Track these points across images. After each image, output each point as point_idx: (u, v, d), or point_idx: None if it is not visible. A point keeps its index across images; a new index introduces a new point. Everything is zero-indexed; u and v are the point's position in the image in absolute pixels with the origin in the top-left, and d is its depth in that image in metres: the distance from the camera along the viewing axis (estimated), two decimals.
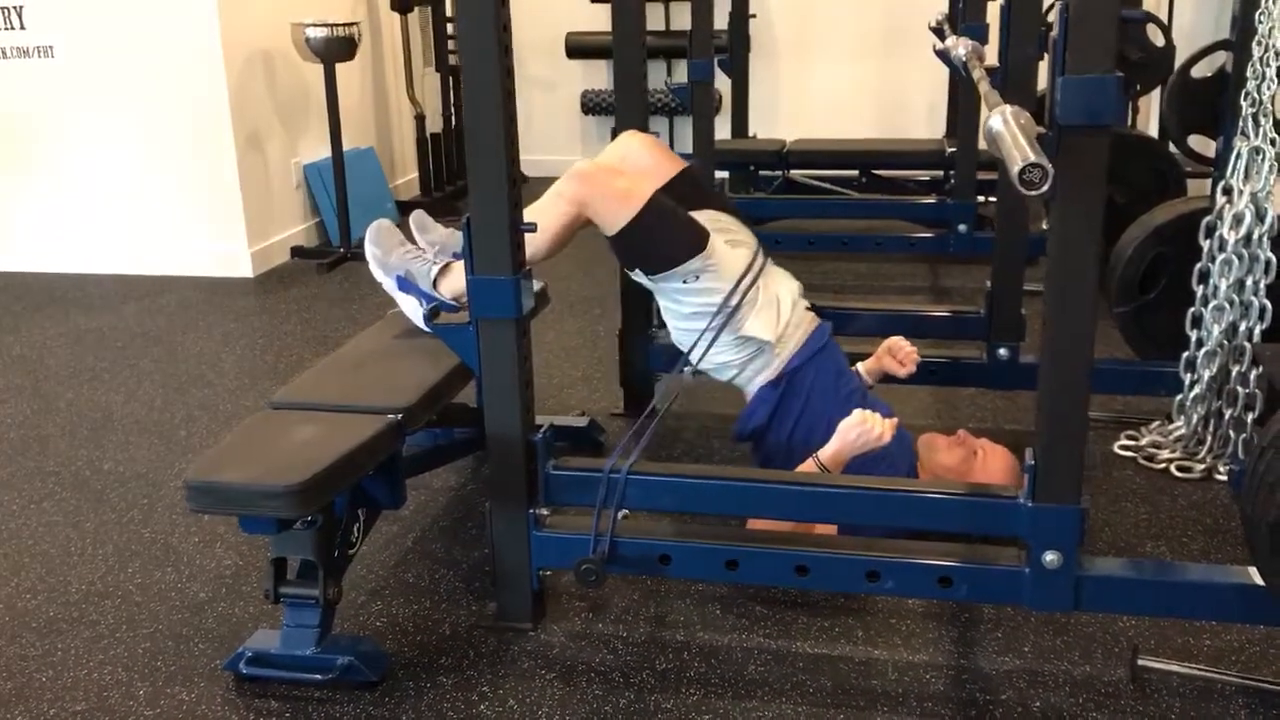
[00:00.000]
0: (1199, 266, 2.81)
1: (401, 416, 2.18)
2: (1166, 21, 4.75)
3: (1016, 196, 1.71)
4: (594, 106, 6.60)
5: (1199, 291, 2.81)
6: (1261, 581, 1.88)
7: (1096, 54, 1.69)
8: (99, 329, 4.24)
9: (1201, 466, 2.82)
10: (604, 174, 2.49)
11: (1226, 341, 2.74)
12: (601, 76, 6.58)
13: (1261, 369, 2.62)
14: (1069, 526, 1.92)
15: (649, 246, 2.45)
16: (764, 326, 2.49)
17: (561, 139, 6.65)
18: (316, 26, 4.78)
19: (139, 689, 2.12)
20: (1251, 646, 2.16)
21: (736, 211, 2.72)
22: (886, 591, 2.17)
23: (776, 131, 5.75)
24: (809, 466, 2.32)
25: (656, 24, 6.25)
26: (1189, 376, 2.84)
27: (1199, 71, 3.49)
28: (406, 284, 2.54)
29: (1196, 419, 2.85)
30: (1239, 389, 2.71)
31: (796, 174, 5.23)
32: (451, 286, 2.49)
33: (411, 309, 2.56)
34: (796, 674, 2.12)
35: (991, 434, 2.59)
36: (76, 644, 2.27)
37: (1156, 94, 4.69)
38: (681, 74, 5.10)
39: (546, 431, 2.20)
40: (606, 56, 4.67)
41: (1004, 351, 3.01)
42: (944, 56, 2.84)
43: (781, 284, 2.59)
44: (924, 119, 6.07)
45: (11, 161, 4.97)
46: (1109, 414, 3.11)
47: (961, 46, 2.51)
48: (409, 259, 2.56)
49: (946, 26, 4.01)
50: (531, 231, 2.15)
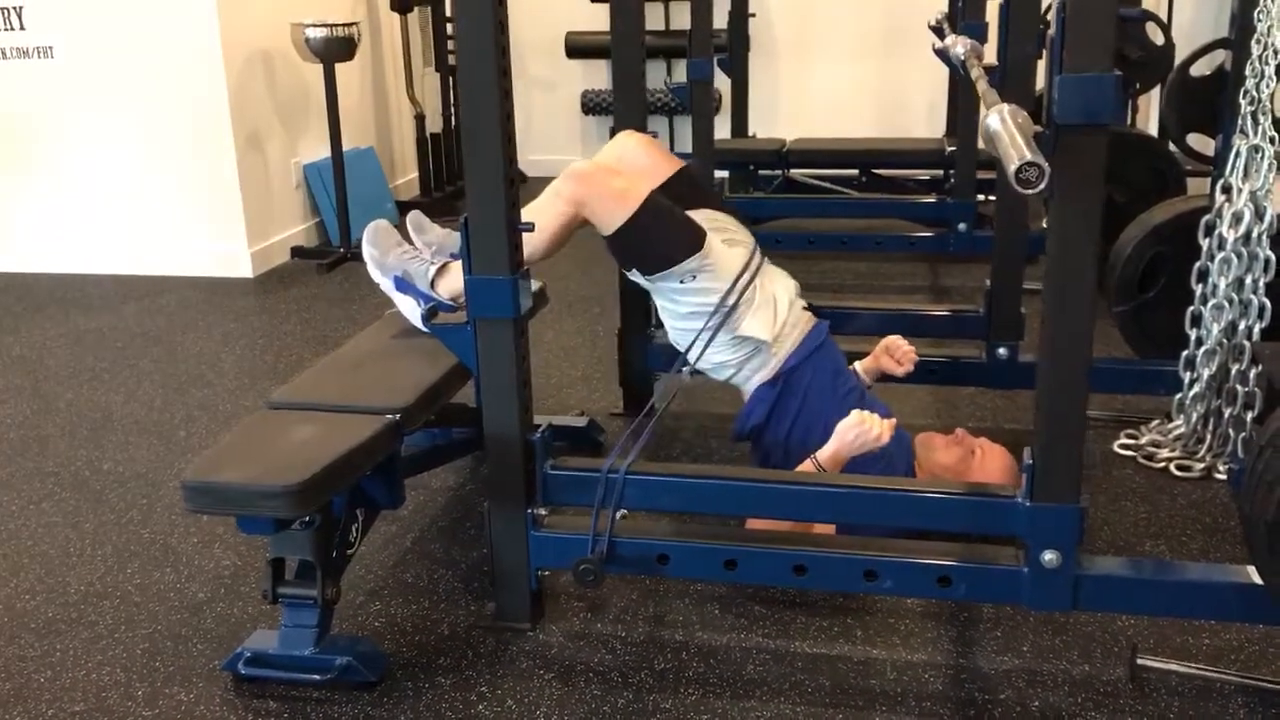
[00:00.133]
0: (1198, 265, 2.81)
1: (400, 416, 2.18)
2: (1166, 20, 4.75)
3: (1016, 195, 1.70)
4: (594, 106, 6.59)
5: (1198, 290, 2.81)
6: (1260, 580, 1.88)
7: (1094, 52, 1.69)
8: (99, 329, 4.24)
9: (1201, 465, 2.82)
10: (601, 173, 2.48)
11: (1226, 340, 2.74)
12: (602, 76, 6.58)
13: (1261, 367, 2.62)
14: (1067, 526, 1.91)
15: (646, 246, 2.45)
16: (761, 326, 2.49)
17: (561, 139, 6.65)
18: (316, 26, 4.78)
19: (137, 689, 2.12)
20: (1250, 646, 2.15)
21: (733, 211, 2.72)
22: (885, 591, 2.17)
23: (776, 131, 5.75)
24: (807, 467, 2.32)
25: (656, 23, 6.24)
26: (1188, 375, 2.84)
27: (1198, 70, 3.49)
28: (404, 284, 2.54)
29: (1196, 418, 2.85)
30: (1238, 387, 2.71)
31: (796, 173, 5.22)
32: (449, 287, 2.49)
33: (409, 309, 2.56)
34: (795, 673, 2.12)
35: (991, 433, 2.59)
36: (75, 644, 2.27)
37: (1156, 92, 4.69)
38: (681, 73, 5.09)
39: (544, 431, 2.20)
40: (607, 56, 4.65)
41: (1003, 350, 3.01)
42: (943, 55, 2.84)
43: (778, 283, 2.59)
44: (924, 118, 6.06)
45: (11, 161, 4.97)
46: (1109, 413, 3.11)
47: (960, 45, 2.51)
48: (406, 259, 2.56)
49: (946, 25, 4.00)
50: (529, 231, 2.15)
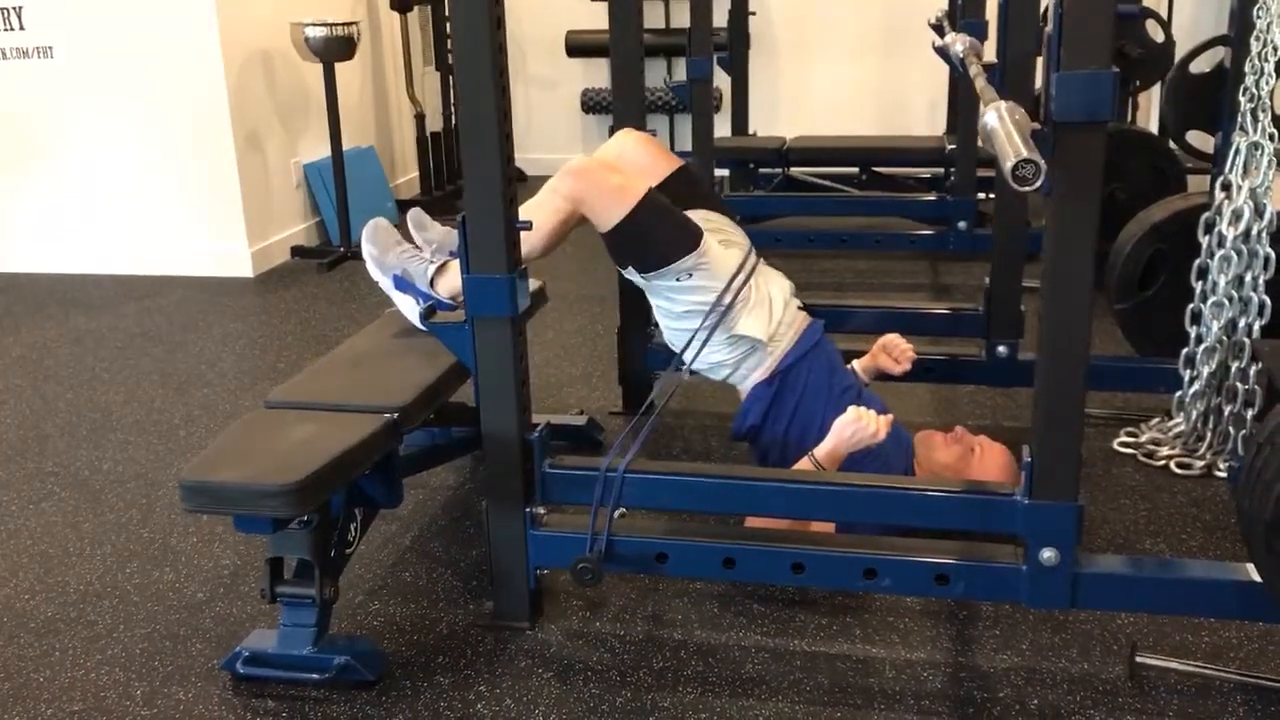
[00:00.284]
0: (1198, 262, 2.81)
1: (398, 415, 2.18)
2: (1166, 17, 4.75)
3: (1015, 193, 1.70)
4: (594, 105, 6.60)
5: (1198, 288, 2.80)
6: (1259, 578, 1.87)
7: (1092, 50, 1.68)
8: (99, 329, 4.24)
9: (1201, 463, 2.81)
10: (599, 169, 2.48)
11: (1226, 338, 2.73)
12: (602, 75, 6.57)
13: (1261, 365, 2.62)
14: (1066, 523, 1.91)
15: (642, 243, 2.45)
16: (757, 325, 2.48)
17: (561, 138, 6.65)
18: (316, 26, 4.78)
19: (136, 689, 2.12)
20: (1250, 643, 2.15)
21: (729, 212, 2.72)
22: (884, 589, 2.17)
23: (776, 129, 5.75)
24: (805, 464, 2.32)
25: (656, 21, 6.24)
26: (1188, 373, 2.84)
27: (1198, 67, 3.49)
28: (403, 283, 2.54)
29: (1196, 415, 2.85)
30: (1238, 385, 2.70)
31: (796, 171, 5.22)
32: (448, 285, 2.49)
33: (408, 308, 2.56)
34: (794, 672, 2.12)
35: (990, 431, 2.58)
36: (74, 644, 2.27)
37: (1156, 90, 4.69)
38: (681, 72, 5.09)
39: (543, 430, 2.20)
40: (607, 55, 4.65)
41: (1003, 349, 3.00)
42: (943, 53, 2.84)
43: (773, 283, 2.59)
44: (924, 116, 6.06)
45: (11, 161, 4.98)
46: (1109, 411, 3.11)
47: (960, 43, 2.51)
48: (406, 258, 2.56)
49: (946, 23, 4.00)
50: (527, 229, 2.14)
